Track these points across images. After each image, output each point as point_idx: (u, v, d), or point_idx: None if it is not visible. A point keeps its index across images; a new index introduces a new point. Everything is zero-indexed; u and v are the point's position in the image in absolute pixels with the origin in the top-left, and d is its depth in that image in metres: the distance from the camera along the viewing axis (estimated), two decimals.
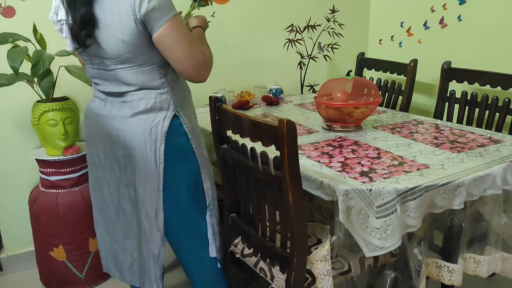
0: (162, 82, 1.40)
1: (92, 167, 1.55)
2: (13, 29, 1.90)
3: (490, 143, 1.65)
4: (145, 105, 1.39)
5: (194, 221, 1.53)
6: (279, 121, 1.13)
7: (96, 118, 1.47)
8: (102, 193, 1.54)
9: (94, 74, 1.44)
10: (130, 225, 1.51)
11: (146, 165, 1.40)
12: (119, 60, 1.35)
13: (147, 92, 1.39)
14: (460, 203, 1.35)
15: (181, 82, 1.50)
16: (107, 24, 1.29)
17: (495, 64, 2.18)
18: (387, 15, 2.83)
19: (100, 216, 1.59)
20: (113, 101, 1.43)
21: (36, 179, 2.14)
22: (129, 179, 1.45)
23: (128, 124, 1.40)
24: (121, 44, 1.30)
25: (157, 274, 1.52)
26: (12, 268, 2.23)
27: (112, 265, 1.63)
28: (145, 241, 1.48)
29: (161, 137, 1.40)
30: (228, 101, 2.41)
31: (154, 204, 1.44)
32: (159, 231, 1.47)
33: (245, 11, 2.52)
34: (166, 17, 1.29)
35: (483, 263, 1.53)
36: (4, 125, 2.09)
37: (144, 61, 1.36)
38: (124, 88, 1.40)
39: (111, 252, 1.61)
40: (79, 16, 1.29)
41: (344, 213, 1.26)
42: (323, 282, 1.30)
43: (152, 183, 1.42)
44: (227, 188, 1.55)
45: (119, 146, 1.42)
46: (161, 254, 1.50)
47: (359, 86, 1.93)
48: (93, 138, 1.50)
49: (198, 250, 1.57)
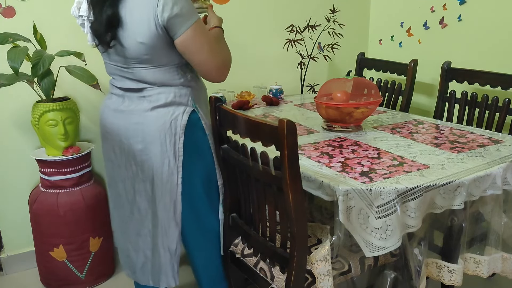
0: (182, 81, 1.43)
1: (108, 163, 1.56)
2: (13, 29, 1.91)
3: (490, 143, 1.65)
4: (165, 99, 1.41)
5: (206, 217, 1.54)
6: (279, 121, 1.13)
7: (113, 113, 1.48)
8: (117, 189, 1.55)
9: (113, 70, 1.46)
10: (144, 222, 1.51)
11: (165, 159, 1.42)
12: (138, 60, 1.36)
13: (166, 88, 1.41)
14: (460, 203, 1.35)
15: (199, 81, 1.52)
16: (128, 26, 1.31)
17: (495, 64, 2.18)
18: (387, 15, 2.83)
19: (116, 213, 1.61)
20: (132, 96, 1.44)
21: (36, 179, 2.14)
22: (146, 174, 1.45)
23: (147, 118, 1.41)
24: (140, 46, 1.32)
25: (174, 269, 1.53)
26: (12, 268, 2.23)
27: (125, 264, 1.64)
28: (162, 236, 1.49)
29: (181, 130, 1.41)
30: (228, 101, 2.41)
31: (173, 197, 1.45)
32: (177, 225, 1.48)
33: (245, 11, 2.52)
34: (189, 22, 1.31)
35: (483, 263, 1.53)
36: (4, 125, 2.09)
37: (163, 62, 1.38)
38: (143, 85, 1.41)
39: (123, 251, 1.62)
40: (105, 16, 1.30)
41: (344, 213, 1.26)
42: (323, 282, 1.30)
43: (171, 176, 1.43)
44: (227, 188, 1.55)
45: (136, 141, 1.43)
46: (178, 249, 1.51)
47: (359, 86, 1.93)
48: (110, 134, 1.50)
49: (208, 247, 1.58)
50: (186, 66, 1.44)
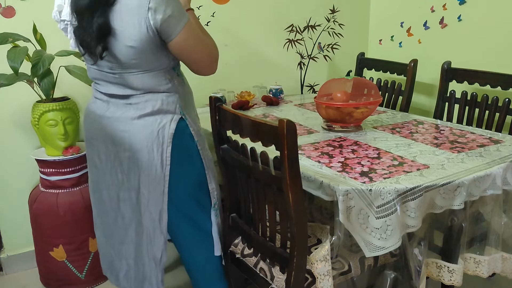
0: (169, 86, 1.40)
1: (92, 169, 1.53)
2: (13, 29, 1.90)
3: (490, 143, 1.65)
4: (152, 107, 1.38)
5: (199, 220, 1.52)
6: (279, 121, 1.13)
7: (98, 119, 1.44)
8: (101, 196, 1.52)
9: (97, 75, 1.42)
10: (127, 230, 1.49)
11: (151, 168, 1.39)
12: (126, 65, 1.33)
13: (153, 94, 1.38)
14: (460, 203, 1.35)
15: (186, 86, 1.49)
16: (118, 31, 1.27)
17: (495, 64, 2.18)
18: (387, 15, 2.83)
19: (98, 219, 1.58)
20: (117, 103, 1.41)
21: (36, 179, 2.14)
22: (132, 182, 1.43)
23: (134, 126, 1.38)
24: (129, 50, 1.28)
25: (159, 278, 1.51)
26: (12, 268, 2.23)
27: (108, 270, 1.63)
28: (147, 245, 1.47)
29: (168, 139, 1.39)
30: (228, 101, 2.41)
31: (159, 206, 1.43)
32: (162, 234, 1.46)
33: (245, 11, 2.52)
34: (182, 23, 1.29)
35: (483, 263, 1.53)
36: (4, 125, 2.09)
37: (151, 67, 1.35)
38: (129, 92, 1.38)
39: (107, 257, 1.60)
40: (97, 26, 1.24)
41: (344, 213, 1.26)
42: (323, 282, 1.30)
43: (157, 186, 1.41)
44: (227, 188, 1.55)
45: (123, 149, 1.41)
46: (163, 258, 1.49)
47: (359, 86, 1.93)
48: (95, 140, 1.48)
49: (203, 249, 1.57)
50: (173, 71, 1.42)
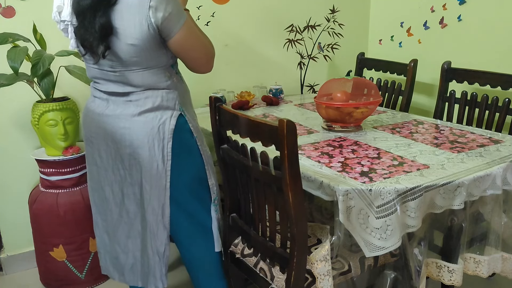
0: (168, 83, 1.42)
1: (92, 167, 1.54)
2: (13, 29, 1.91)
3: (490, 143, 1.65)
4: (152, 103, 1.40)
5: (198, 216, 1.53)
6: (279, 121, 1.13)
7: (98, 118, 1.46)
8: (103, 193, 1.53)
9: (96, 74, 1.43)
10: (133, 224, 1.51)
11: (153, 163, 1.41)
12: (127, 63, 1.34)
13: (153, 91, 1.40)
14: (460, 203, 1.35)
15: (184, 83, 1.51)
16: (119, 30, 1.28)
17: (495, 64, 2.18)
18: (387, 15, 2.83)
19: (100, 218, 1.58)
20: (117, 100, 1.42)
21: (36, 179, 2.14)
22: (134, 178, 1.45)
23: (134, 123, 1.40)
24: (130, 48, 1.30)
25: (162, 271, 1.52)
26: (12, 268, 2.23)
27: (111, 267, 1.63)
28: (151, 239, 1.48)
29: (169, 135, 1.40)
30: (228, 101, 2.41)
31: (161, 201, 1.45)
32: (165, 228, 1.47)
33: (245, 11, 2.52)
34: (181, 21, 1.31)
35: (483, 263, 1.53)
36: (4, 125, 2.09)
37: (151, 64, 1.37)
38: (129, 89, 1.40)
39: (110, 253, 1.60)
40: (99, 26, 1.26)
41: (344, 213, 1.26)
42: (323, 282, 1.30)
43: (159, 181, 1.42)
44: (227, 188, 1.55)
45: (124, 145, 1.42)
46: (166, 251, 1.50)
47: (359, 86, 1.93)
48: (95, 138, 1.49)
49: (203, 245, 1.57)
50: (172, 68, 1.44)
